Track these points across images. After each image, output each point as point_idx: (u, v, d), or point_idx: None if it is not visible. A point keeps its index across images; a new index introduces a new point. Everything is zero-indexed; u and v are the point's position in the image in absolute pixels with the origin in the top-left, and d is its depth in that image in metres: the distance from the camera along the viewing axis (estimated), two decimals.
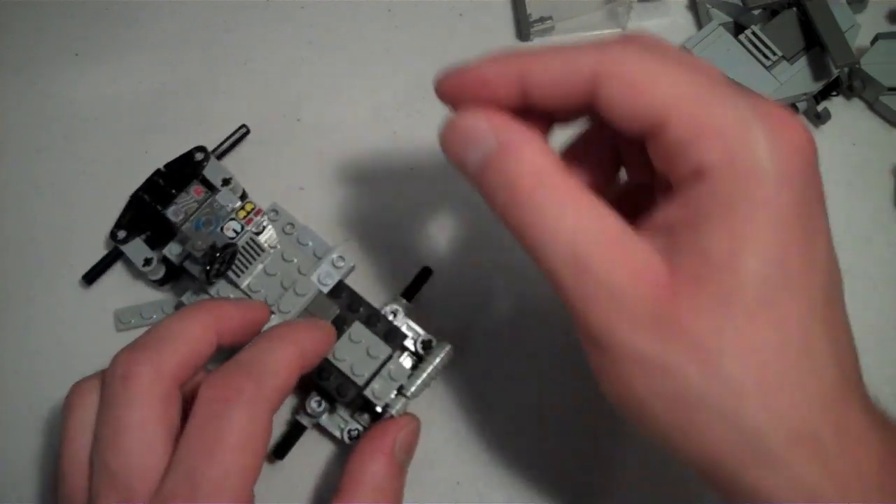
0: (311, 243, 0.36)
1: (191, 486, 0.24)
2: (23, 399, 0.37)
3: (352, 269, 0.36)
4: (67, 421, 0.27)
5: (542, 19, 0.43)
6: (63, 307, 0.39)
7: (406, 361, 0.34)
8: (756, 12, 0.42)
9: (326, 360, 0.32)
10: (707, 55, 0.41)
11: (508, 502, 0.34)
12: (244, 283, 0.35)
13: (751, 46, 0.41)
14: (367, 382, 0.33)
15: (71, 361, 0.37)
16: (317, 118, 0.43)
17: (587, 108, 0.23)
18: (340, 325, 0.34)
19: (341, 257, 0.35)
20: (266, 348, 0.27)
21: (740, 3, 0.43)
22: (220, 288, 0.35)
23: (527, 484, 0.35)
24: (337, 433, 0.33)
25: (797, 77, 0.41)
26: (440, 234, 0.40)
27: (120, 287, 0.39)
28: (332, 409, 0.34)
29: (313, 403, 0.33)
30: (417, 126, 0.42)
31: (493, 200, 0.24)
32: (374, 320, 0.34)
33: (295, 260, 0.35)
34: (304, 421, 0.34)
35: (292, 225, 0.36)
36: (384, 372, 0.33)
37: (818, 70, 0.41)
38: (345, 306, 0.34)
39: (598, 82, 0.22)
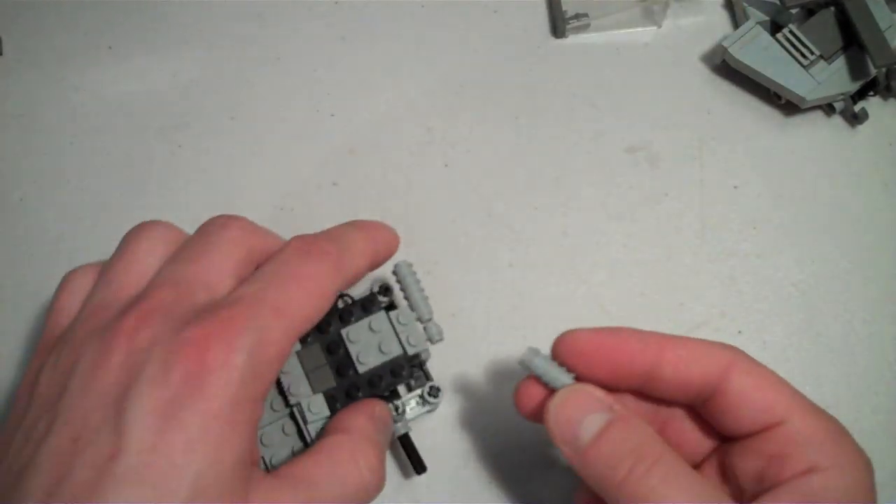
0: None
1: (256, 301, 0.24)
2: None
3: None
4: (126, 244, 0.28)
5: (577, 16, 0.43)
6: None
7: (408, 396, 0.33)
8: (793, 11, 0.42)
9: (339, 335, 0.31)
10: (744, 54, 0.41)
11: None
12: None
13: (788, 45, 0.41)
14: (370, 374, 0.31)
15: None
16: (349, 114, 0.43)
17: (699, 399, 0.27)
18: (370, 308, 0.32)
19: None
20: (350, 231, 0.29)
21: (778, 2, 0.42)
22: None
23: None
24: (418, 409, 0.33)
25: (835, 77, 0.41)
26: (474, 232, 0.40)
27: None
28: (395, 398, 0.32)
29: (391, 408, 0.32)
30: (451, 122, 0.42)
31: (612, 468, 0.24)
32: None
33: None
34: (401, 426, 0.32)
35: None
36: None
37: (856, 70, 0.41)
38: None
39: (734, 374, 0.26)
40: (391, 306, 0.32)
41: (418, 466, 0.32)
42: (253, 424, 0.24)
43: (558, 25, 0.44)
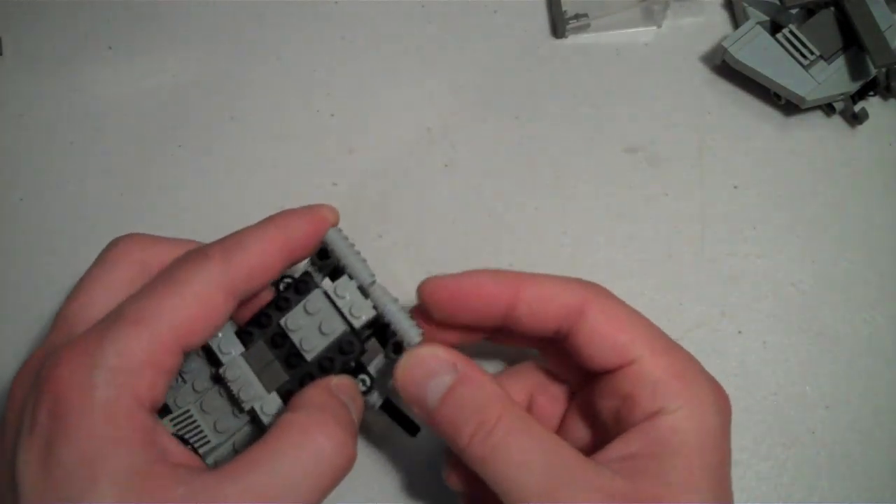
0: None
1: (112, 317, 0.24)
2: None
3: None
4: (96, 268, 0.28)
5: (577, 17, 0.43)
6: None
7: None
8: (794, 11, 0.42)
9: (280, 327, 0.29)
10: (744, 54, 0.41)
11: None
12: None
13: (788, 46, 0.41)
14: (319, 358, 0.29)
15: None
16: (349, 114, 0.43)
17: (560, 336, 0.27)
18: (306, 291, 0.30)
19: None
20: (249, 229, 0.27)
21: (778, 2, 0.42)
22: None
23: None
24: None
25: (835, 77, 0.41)
26: (473, 232, 0.40)
27: None
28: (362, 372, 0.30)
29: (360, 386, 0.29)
30: (451, 122, 0.42)
31: (458, 430, 0.25)
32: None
33: None
34: (377, 397, 0.30)
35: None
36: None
37: (856, 70, 0.41)
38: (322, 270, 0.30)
39: (589, 312, 0.26)
40: (337, 271, 0.30)
41: (410, 428, 0.31)
42: (147, 431, 0.23)
43: (558, 25, 0.44)
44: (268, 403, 0.28)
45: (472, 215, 0.40)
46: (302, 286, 0.29)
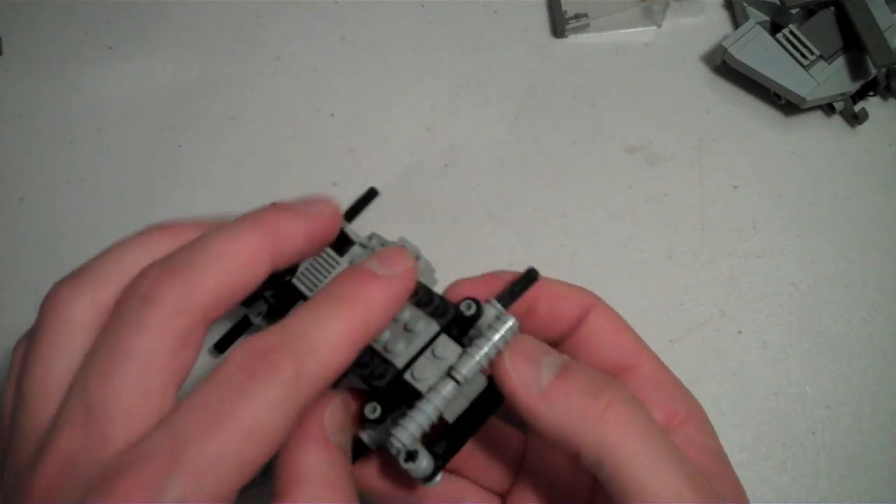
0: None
1: (170, 460, 0.18)
2: None
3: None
4: (44, 329, 0.22)
5: (577, 16, 0.43)
6: None
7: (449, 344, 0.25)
8: (794, 11, 0.42)
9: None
10: (744, 54, 0.41)
11: None
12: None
13: (788, 46, 0.41)
14: (409, 365, 0.25)
15: None
16: (349, 114, 0.43)
17: (564, 337, 0.28)
18: None
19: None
20: (323, 317, 0.21)
21: (778, 2, 0.42)
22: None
23: None
24: (393, 451, 0.24)
25: (834, 77, 0.41)
26: (472, 231, 0.40)
27: None
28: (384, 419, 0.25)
29: (366, 410, 0.25)
30: (451, 122, 0.42)
31: (588, 406, 0.23)
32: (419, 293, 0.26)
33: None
34: (366, 438, 0.25)
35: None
36: (427, 352, 0.25)
37: (856, 70, 0.41)
38: None
39: (589, 314, 0.27)
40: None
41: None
42: None
43: (558, 25, 0.44)
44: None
45: (472, 215, 0.40)
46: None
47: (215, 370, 0.20)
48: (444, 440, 0.25)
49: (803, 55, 0.41)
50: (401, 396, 0.24)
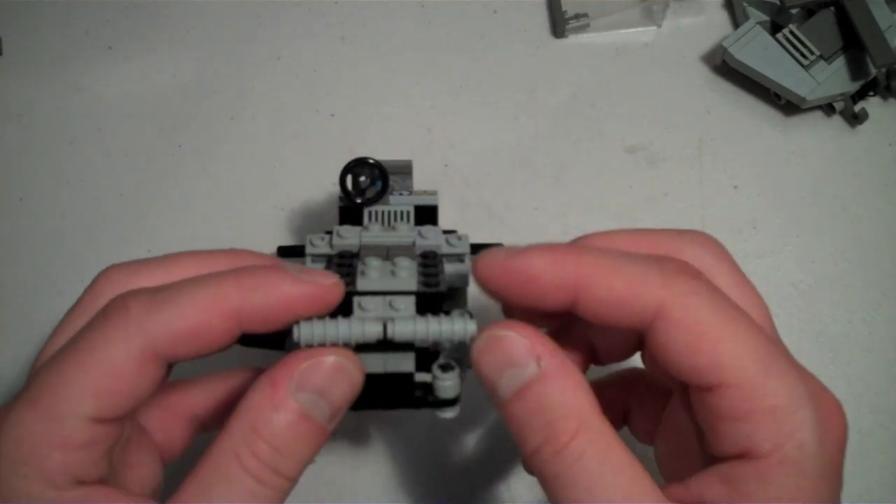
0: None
1: (24, 390, 0.22)
2: None
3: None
4: (81, 299, 0.24)
5: (577, 16, 0.43)
6: None
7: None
8: (794, 11, 0.42)
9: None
10: (744, 54, 0.41)
11: None
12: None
13: (788, 46, 0.41)
14: (365, 294, 0.24)
15: None
16: (349, 114, 0.43)
17: (636, 339, 0.24)
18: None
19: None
20: (200, 279, 0.22)
21: (778, 2, 0.42)
22: None
23: None
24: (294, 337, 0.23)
25: (835, 77, 0.41)
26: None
27: None
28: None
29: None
30: (451, 123, 0.42)
31: (525, 435, 0.21)
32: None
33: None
34: (296, 331, 0.23)
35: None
36: (388, 297, 0.24)
37: (856, 70, 0.41)
38: None
39: (662, 322, 0.21)
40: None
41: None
42: None
43: (558, 25, 0.44)
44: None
45: (472, 215, 0.40)
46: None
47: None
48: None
49: (803, 55, 0.41)
50: (341, 309, 0.24)
